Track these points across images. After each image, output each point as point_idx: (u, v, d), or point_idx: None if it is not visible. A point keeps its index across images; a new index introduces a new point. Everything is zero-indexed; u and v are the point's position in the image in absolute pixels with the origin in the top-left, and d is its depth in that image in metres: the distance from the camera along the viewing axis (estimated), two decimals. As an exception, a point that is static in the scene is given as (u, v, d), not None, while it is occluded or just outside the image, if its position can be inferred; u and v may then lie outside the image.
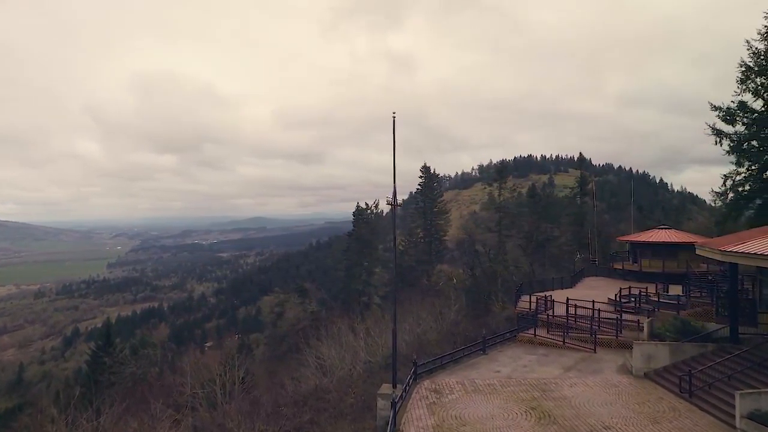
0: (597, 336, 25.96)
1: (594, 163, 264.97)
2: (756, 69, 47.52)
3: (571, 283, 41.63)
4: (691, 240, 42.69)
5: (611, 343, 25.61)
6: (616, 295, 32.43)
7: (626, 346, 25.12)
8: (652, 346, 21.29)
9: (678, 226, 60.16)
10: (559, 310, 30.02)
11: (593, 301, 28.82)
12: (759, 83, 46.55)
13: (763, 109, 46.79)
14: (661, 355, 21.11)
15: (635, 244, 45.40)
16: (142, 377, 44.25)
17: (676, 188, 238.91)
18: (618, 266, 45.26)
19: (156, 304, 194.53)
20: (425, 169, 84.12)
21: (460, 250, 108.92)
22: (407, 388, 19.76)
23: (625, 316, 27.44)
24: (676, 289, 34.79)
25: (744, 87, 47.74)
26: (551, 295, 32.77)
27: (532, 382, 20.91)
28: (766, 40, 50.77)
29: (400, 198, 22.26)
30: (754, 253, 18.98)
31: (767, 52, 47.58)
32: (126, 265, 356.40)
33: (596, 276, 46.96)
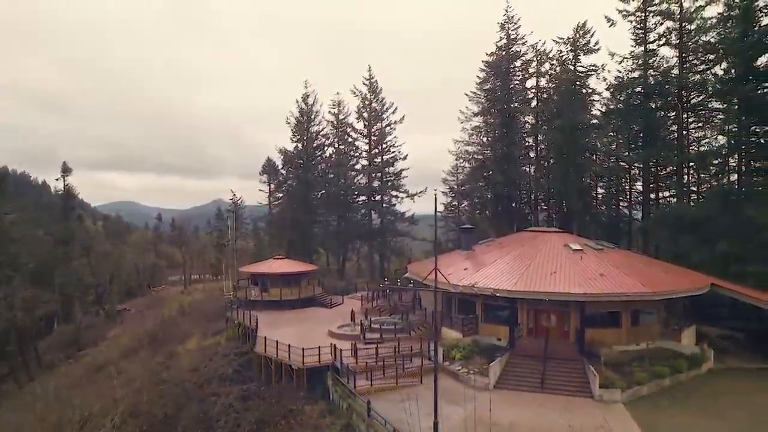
0: (406, 368, 28.68)
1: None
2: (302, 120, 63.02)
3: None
4: (308, 269, 49.73)
5: (416, 372, 28.77)
6: (340, 326, 35.05)
7: (429, 372, 29.24)
8: (497, 365, 27.16)
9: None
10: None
11: (380, 339, 30.78)
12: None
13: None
14: (498, 369, 27.37)
15: (260, 276, 47.27)
16: None
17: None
18: (256, 297, 45.57)
19: None
20: None
21: None
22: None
23: (408, 344, 31.03)
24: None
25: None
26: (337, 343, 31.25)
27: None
28: (306, 102, 66.65)
29: None
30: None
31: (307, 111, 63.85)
32: None
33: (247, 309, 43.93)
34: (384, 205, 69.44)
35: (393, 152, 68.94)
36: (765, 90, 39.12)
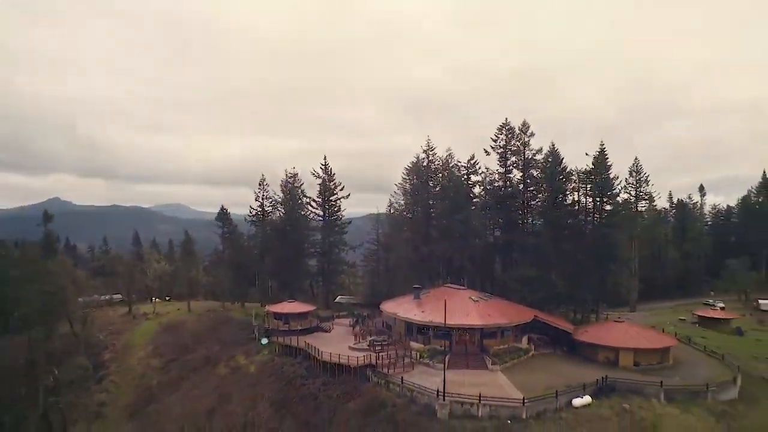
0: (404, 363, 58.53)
1: None
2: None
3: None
4: (310, 309, 77.13)
5: (408, 365, 58.55)
6: (357, 342, 63.91)
7: (412, 365, 59.31)
8: (446, 359, 58.52)
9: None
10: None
11: (382, 349, 60.22)
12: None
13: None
14: (446, 361, 58.67)
15: (283, 314, 73.26)
16: None
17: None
18: (285, 328, 71.42)
19: None
20: None
21: None
22: None
23: (398, 351, 60.57)
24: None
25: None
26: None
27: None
28: (290, 181, 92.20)
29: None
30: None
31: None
32: None
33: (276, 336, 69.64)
34: (333, 255, 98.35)
35: (341, 216, 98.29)
36: (564, 214, 76.93)
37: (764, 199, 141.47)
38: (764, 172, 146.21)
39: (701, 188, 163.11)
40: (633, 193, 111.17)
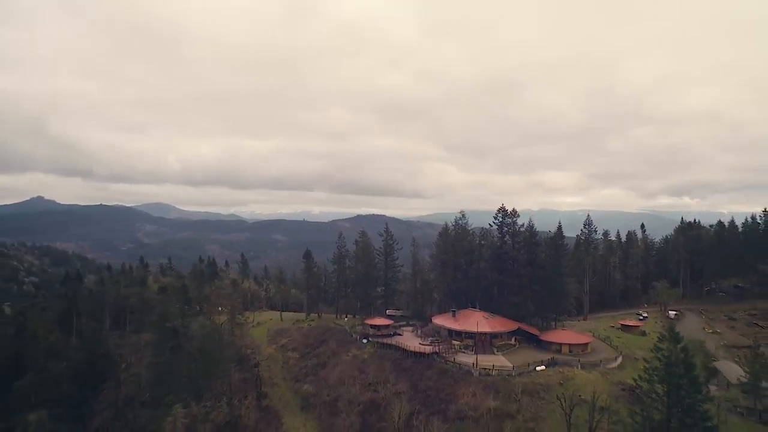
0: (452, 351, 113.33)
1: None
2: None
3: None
4: (391, 322, 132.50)
5: (455, 351, 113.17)
6: (423, 341, 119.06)
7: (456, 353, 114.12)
8: (473, 348, 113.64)
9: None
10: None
11: (439, 344, 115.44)
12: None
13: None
14: (474, 349, 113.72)
15: (375, 325, 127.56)
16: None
17: None
18: (379, 333, 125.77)
19: None
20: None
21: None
22: None
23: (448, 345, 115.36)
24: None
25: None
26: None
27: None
28: (365, 245, 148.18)
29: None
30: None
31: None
32: None
33: (369, 338, 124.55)
34: (391, 286, 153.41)
35: (397, 262, 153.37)
36: (535, 266, 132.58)
37: (684, 234, 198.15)
38: (682, 218, 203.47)
39: (642, 226, 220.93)
40: (585, 238, 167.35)
